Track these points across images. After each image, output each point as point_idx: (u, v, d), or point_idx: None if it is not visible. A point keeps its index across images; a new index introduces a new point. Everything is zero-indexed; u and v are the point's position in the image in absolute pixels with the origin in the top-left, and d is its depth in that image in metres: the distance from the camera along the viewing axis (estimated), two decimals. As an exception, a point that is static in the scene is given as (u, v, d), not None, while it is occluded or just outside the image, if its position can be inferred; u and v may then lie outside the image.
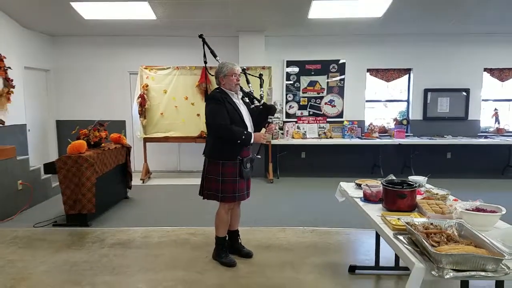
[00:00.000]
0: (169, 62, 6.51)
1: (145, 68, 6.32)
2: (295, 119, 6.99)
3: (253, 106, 3.20)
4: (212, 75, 3.25)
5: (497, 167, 6.93)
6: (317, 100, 6.99)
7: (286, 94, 6.99)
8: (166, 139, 6.38)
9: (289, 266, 3.15)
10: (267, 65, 6.44)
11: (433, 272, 1.54)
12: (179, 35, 6.74)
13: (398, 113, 7.28)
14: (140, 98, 6.20)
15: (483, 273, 1.51)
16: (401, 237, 1.89)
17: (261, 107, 3.19)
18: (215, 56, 3.43)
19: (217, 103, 2.97)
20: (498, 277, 1.52)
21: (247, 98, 3.23)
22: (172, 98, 6.31)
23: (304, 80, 6.95)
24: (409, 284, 1.60)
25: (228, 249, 3.28)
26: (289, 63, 6.92)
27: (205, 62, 3.42)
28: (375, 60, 6.90)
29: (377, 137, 6.72)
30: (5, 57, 5.52)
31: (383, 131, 7.03)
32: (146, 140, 6.41)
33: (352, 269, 3.03)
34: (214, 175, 3.05)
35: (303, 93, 6.98)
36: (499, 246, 1.62)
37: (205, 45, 3.41)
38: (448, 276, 1.50)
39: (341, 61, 6.89)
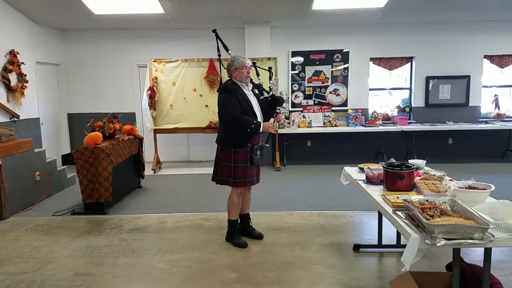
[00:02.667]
0: (177, 55, 6.70)
1: (154, 61, 6.51)
2: (301, 109, 7.17)
3: (262, 97, 3.38)
4: (225, 68, 3.44)
5: (497, 151, 7.10)
6: (322, 90, 7.16)
7: (292, 84, 7.15)
8: (175, 130, 6.60)
9: (297, 245, 3.37)
10: (272, 56, 6.61)
11: (426, 241, 1.74)
12: (187, 28, 6.92)
13: (401, 100, 7.43)
14: (150, 91, 6.40)
15: (470, 241, 1.71)
16: (399, 213, 2.09)
17: (270, 98, 3.37)
18: (227, 50, 3.61)
19: (229, 93, 3.16)
20: (484, 244, 1.72)
21: (257, 90, 3.41)
22: (181, 90, 6.51)
23: (309, 70, 7.11)
24: (405, 253, 1.80)
25: (240, 231, 3.50)
26: (294, 54, 7.07)
27: (219, 56, 3.60)
28: (378, 49, 7.04)
29: (380, 125, 6.88)
30: (18, 53, 5.72)
31: (387, 119, 7.19)
32: (156, 131, 6.63)
33: (357, 247, 3.24)
34: (227, 162, 3.25)
35: (308, 82, 7.15)
36: (486, 218, 1.83)
37: (218, 40, 3.58)
38: (440, 244, 1.71)
39: (344, 51, 7.03)
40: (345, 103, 7.16)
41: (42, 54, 6.54)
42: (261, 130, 3.21)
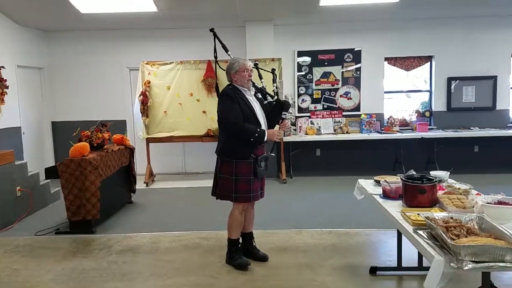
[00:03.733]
0: (172, 57, 6.74)
1: (146, 64, 6.56)
2: (308, 114, 7.17)
3: (266, 102, 3.39)
4: (223, 69, 3.45)
5: (529, 160, 7.05)
6: (331, 93, 7.16)
7: (298, 87, 7.17)
8: (170, 139, 6.62)
9: (306, 268, 3.34)
10: (276, 56, 6.63)
11: (452, 264, 1.71)
12: (182, 27, 6.98)
13: (420, 104, 7.42)
14: (142, 96, 6.43)
15: (502, 264, 1.68)
16: (420, 232, 2.06)
17: (274, 103, 3.38)
18: (226, 50, 3.62)
19: (229, 99, 3.17)
20: (518, 268, 1.69)
21: (260, 94, 3.42)
22: (176, 95, 6.54)
23: (317, 72, 7.12)
24: (429, 278, 1.77)
25: (242, 252, 3.47)
26: (301, 54, 7.10)
27: (215, 58, 3.61)
28: (393, 47, 7.04)
29: (397, 131, 6.86)
30: (-3, 56, 5.77)
31: (404, 124, 7.17)
32: (149, 140, 6.65)
33: (373, 270, 3.21)
34: (228, 175, 3.25)
35: (316, 85, 7.15)
36: (519, 237, 1.79)
37: (216, 39, 3.60)
38: (467, 268, 1.68)
39: (356, 50, 7.05)
40: (357, 108, 7.15)
41: (24, 57, 6.59)
42: (265, 139, 3.21)
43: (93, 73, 7.21)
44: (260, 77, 3.63)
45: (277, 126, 3.43)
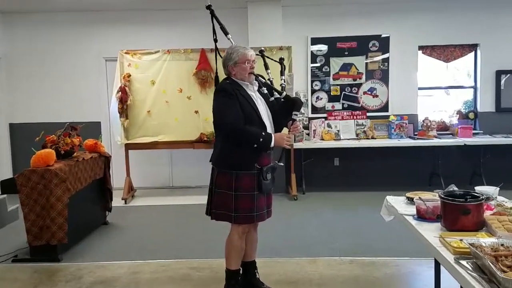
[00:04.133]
0: (157, 44, 6.78)
1: (126, 53, 6.60)
2: (325, 115, 7.18)
3: (272, 99, 3.38)
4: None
5: None
6: (353, 89, 7.17)
7: (312, 82, 7.18)
8: (154, 145, 6.65)
9: (322, 306, 3.32)
10: (285, 44, 6.65)
11: (503, 303, 1.69)
12: (170, 9, 7.04)
13: (463, 103, 7.40)
14: (120, 92, 6.46)
15: None
16: (464, 262, 2.04)
17: (283, 100, 3.36)
18: (226, 33, 3.62)
19: (227, 96, 3.16)
20: None
21: (265, 89, 3.41)
22: (162, 91, 6.58)
23: (335, 63, 7.14)
24: (475, 319, 1.75)
25: (243, 286, 3.45)
26: (315, 41, 7.13)
27: (215, 40, 3.61)
28: (430, 33, 7.07)
29: (435, 136, 6.86)
30: None
31: (443, 128, 7.17)
32: (128, 147, 6.67)
33: (405, 309, 3.19)
34: (225, 189, 3.23)
35: (334, 79, 7.18)
36: None
37: (214, 19, 3.60)
38: (522, 307, 1.66)
39: (383, 36, 7.08)
40: (385, 107, 7.16)
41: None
42: (272, 144, 3.20)
43: (61, 64, 7.26)
44: (266, 67, 3.62)
45: (286, 130, 3.42)
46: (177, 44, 6.71)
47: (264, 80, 3.43)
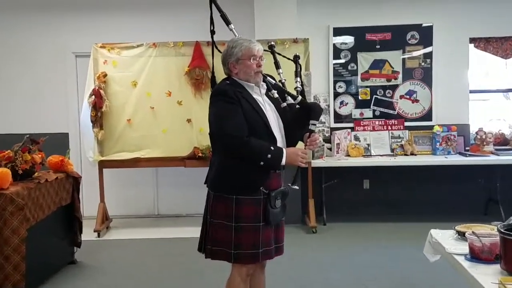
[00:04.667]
0: (141, 36, 6.78)
1: (101, 47, 6.59)
2: (351, 124, 7.18)
3: (284, 105, 3.35)
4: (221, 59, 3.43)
5: None
6: (387, 92, 7.17)
7: (335, 83, 7.20)
8: (136, 163, 6.62)
9: None
10: (301, 36, 6.64)
11: None
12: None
13: (527, 111, 7.39)
14: (93, 96, 6.45)
15: None
16: (532, 314, 1.99)
17: (297, 106, 3.34)
18: (227, 22, 3.62)
19: (227, 101, 3.13)
20: None
21: (275, 93, 3.38)
22: (147, 94, 6.58)
23: (364, 59, 7.15)
24: None
25: None
26: (339, 32, 7.15)
27: (213, 32, 3.60)
28: (484, 23, 7.07)
29: (491, 153, 6.81)
30: None
31: (503, 142, 7.13)
32: (103, 165, 6.65)
33: None
34: (224, 219, 3.20)
35: (362, 80, 7.18)
36: None
37: (212, 5, 3.61)
38: None
39: (425, 26, 7.08)
40: (428, 115, 7.16)
41: None
42: (283, 162, 3.17)
43: (17, 61, 7.29)
44: (277, 65, 3.60)
45: (301, 144, 3.39)
46: (166, 36, 6.70)
47: (274, 82, 3.41)
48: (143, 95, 6.59)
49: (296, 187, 3.33)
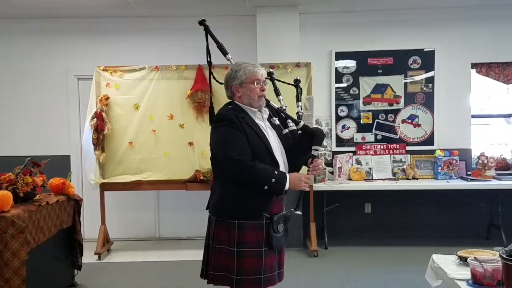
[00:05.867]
0: (143, 59, 6.83)
1: (103, 70, 6.61)
2: (353, 148, 7.19)
3: (286, 131, 3.38)
4: (220, 83, 3.45)
5: None
6: (389, 116, 7.19)
7: (337, 107, 7.22)
8: (137, 186, 6.60)
9: None
10: (303, 60, 6.67)
11: None
12: (160, 16, 7.13)
13: (528, 135, 7.38)
14: (95, 119, 6.45)
15: None
16: None
17: (299, 132, 3.36)
18: (224, 53, 3.64)
19: (230, 126, 3.15)
20: None
21: (276, 120, 3.41)
22: (149, 118, 6.57)
23: (366, 83, 7.18)
24: None
25: None
26: (341, 56, 7.18)
27: (209, 63, 3.62)
28: (486, 48, 7.10)
29: (493, 177, 6.80)
30: None
31: (504, 167, 7.12)
32: (104, 187, 6.63)
33: None
34: (226, 244, 3.20)
35: (364, 104, 7.21)
36: None
37: (208, 36, 3.63)
38: None
39: (427, 50, 7.12)
40: (429, 140, 7.16)
41: None
42: (286, 186, 3.19)
43: (21, 84, 7.32)
44: (277, 92, 3.62)
45: (304, 169, 3.40)
46: (168, 60, 6.73)
47: (277, 107, 3.43)
48: (145, 118, 6.59)
49: (299, 212, 3.36)
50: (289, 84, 4.03)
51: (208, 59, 3.68)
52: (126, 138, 6.59)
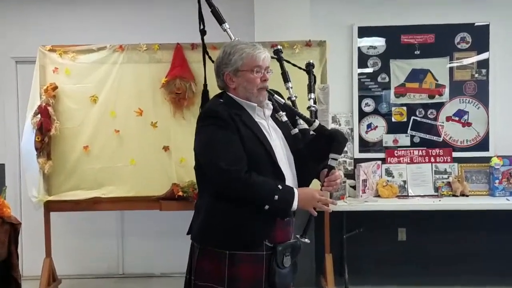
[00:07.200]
0: (103, 36, 6.84)
1: (50, 51, 6.58)
2: (382, 154, 7.19)
3: (296, 131, 3.38)
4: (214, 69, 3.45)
5: None
6: (429, 112, 7.19)
7: (360, 99, 7.22)
8: (94, 205, 6.55)
9: None
10: (315, 38, 6.67)
11: None
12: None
13: None
14: (39, 115, 6.43)
15: None
16: None
17: (312, 133, 3.36)
18: (220, 21, 3.64)
19: (220, 126, 3.14)
20: None
21: (283, 115, 3.41)
22: (110, 114, 6.55)
23: (399, 68, 7.18)
24: None
25: None
26: (365, 33, 7.19)
27: (203, 32, 3.62)
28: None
29: None
30: None
31: None
32: (51, 207, 6.58)
33: None
34: (213, 281, 3.19)
35: (397, 96, 7.20)
36: None
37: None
38: None
39: (479, 25, 7.13)
40: (483, 143, 7.16)
41: None
42: (294, 205, 3.17)
43: None
44: (285, 77, 3.61)
45: (316, 182, 3.41)
46: (136, 36, 6.71)
47: (283, 101, 3.42)
48: (106, 114, 6.54)
49: (306, 240, 3.34)
50: (300, 68, 4.01)
51: (202, 27, 3.67)
52: (80, 141, 6.53)
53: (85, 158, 6.56)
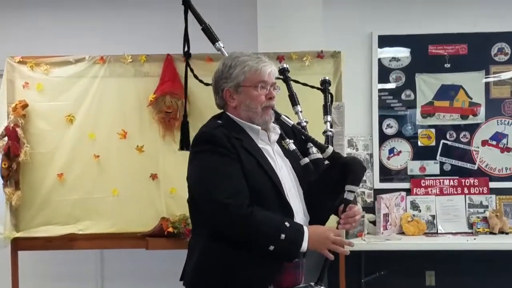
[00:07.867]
0: (81, 47, 6.84)
1: (20, 63, 6.57)
2: (407, 184, 7.18)
3: (307, 161, 3.37)
4: (204, 83, 3.43)
5: None
6: (461, 135, 7.18)
7: (381, 120, 7.22)
8: (70, 242, 6.50)
9: None
10: (328, 48, 6.65)
11: None
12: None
13: None
14: (6, 138, 6.42)
15: None
16: None
17: (326, 161, 3.33)
18: (213, 40, 3.63)
19: (218, 153, 3.11)
20: None
21: (291, 143, 3.39)
22: (89, 136, 6.52)
23: (426, 84, 7.20)
24: None
25: None
26: (387, 42, 7.22)
27: (187, 54, 3.61)
28: None
29: None
30: None
31: None
32: (18, 245, 6.54)
33: None
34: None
35: (424, 116, 7.20)
36: None
37: (188, 13, 3.64)
38: None
39: (518, 33, 7.16)
40: (527, 172, 7.14)
41: None
42: (304, 246, 3.14)
43: None
44: (293, 100, 3.60)
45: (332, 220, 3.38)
46: (120, 46, 6.66)
47: (292, 122, 3.40)
48: (84, 136, 6.50)
49: (321, 287, 3.29)
50: (312, 87, 3.99)
51: (186, 49, 3.67)
52: (54, 168, 6.49)
53: (59, 188, 6.50)
